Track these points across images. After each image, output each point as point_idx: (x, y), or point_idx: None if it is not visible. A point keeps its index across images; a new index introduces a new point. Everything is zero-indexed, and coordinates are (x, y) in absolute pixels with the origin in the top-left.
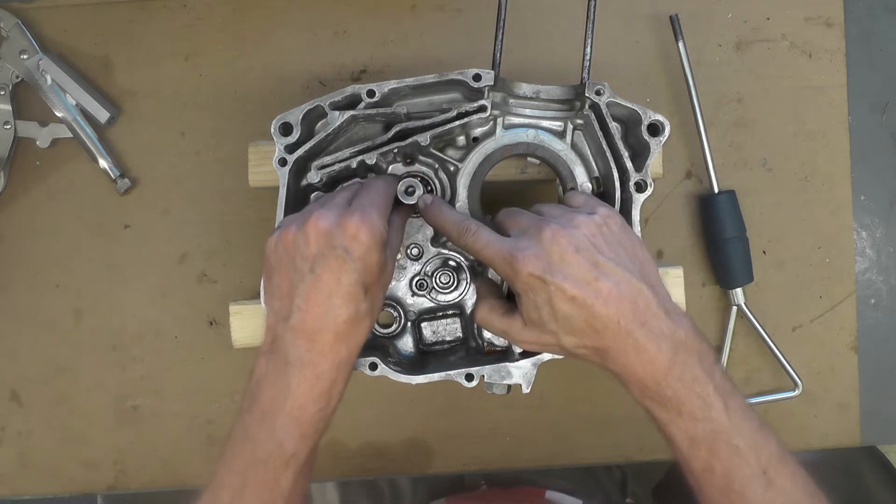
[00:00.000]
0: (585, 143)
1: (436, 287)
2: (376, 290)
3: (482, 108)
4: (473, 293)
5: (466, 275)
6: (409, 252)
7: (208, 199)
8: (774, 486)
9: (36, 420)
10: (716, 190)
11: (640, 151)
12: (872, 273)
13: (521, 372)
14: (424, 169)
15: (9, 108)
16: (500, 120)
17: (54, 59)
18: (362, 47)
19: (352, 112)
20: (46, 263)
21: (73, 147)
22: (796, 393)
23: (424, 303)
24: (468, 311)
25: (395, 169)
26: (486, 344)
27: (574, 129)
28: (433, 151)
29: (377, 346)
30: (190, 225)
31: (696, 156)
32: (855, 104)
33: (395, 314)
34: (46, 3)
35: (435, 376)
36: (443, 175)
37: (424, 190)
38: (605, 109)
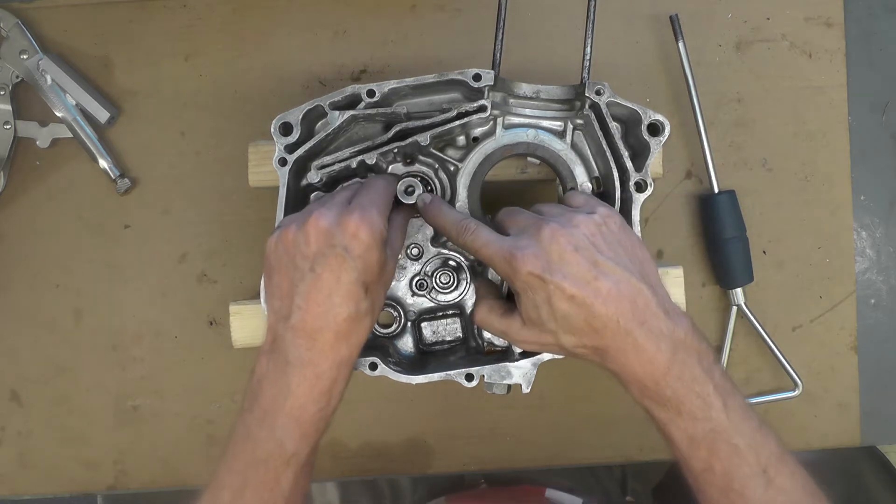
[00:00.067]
0: (585, 142)
1: (436, 287)
2: (377, 290)
3: (482, 108)
4: (473, 293)
5: (466, 275)
6: (409, 252)
7: (208, 199)
8: (774, 485)
9: (36, 420)
10: (716, 190)
11: (640, 151)
12: (872, 273)
13: (521, 372)
14: (424, 169)
15: (9, 108)
16: (500, 120)
17: (54, 59)
18: (362, 47)
19: (352, 112)
20: (46, 263)
21: (73, 147)
22: (796, 393)
23: (424, 303)
24: (468, 311)
25: (395, 169)
26: (486, 344)
27: (574, 128)
28: (433, 151)
29: (377, 346)
30: (190, 225)
31: (696, 156)
32: (855, 104)
33: (395, 314)
34: (46, 3)
35: (435, 376)
36: (443, 175)
37: (424, 189)
38: (605, 109)
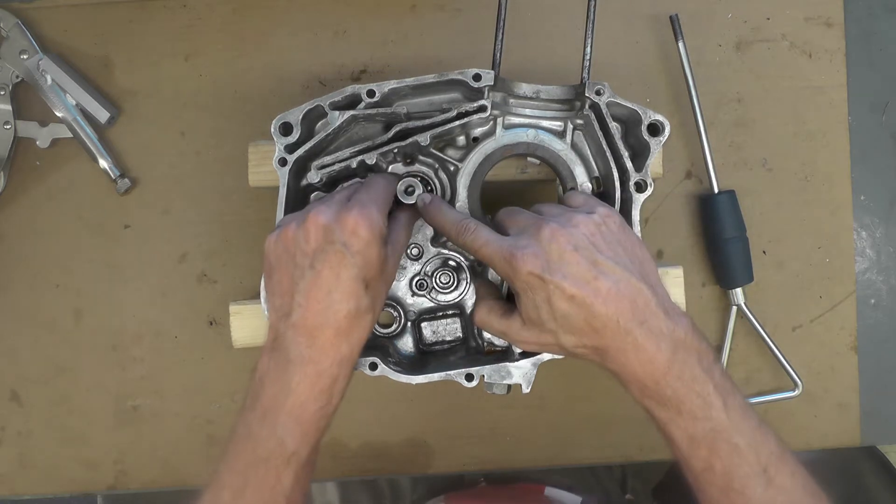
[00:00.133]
0: (585, 142)
1: (436, 287)
2: (378, 286)
3: (482, 108)
4: (473, 293)
5: (466, 275)
6: (409, 252)
7: (208, 199)
8: (774, 484)
9: (36, 420)
10: (716, 190)
11: (640, 151)
12: (872, 273)
13: (521, 372)
14: (424, 169)
15: (9, 108)
16: (500, 120)
17: (54, 59)
18: (362, 47)
19: (352, 112)
20: (46, 263)
21: (73, 147)
22: (796, 393)
23: (424, 303)
24: (468, 310)
25: (395, 169)
26: (486, 344)
27: (574, 128)
28: (433, 151)
29: (377, 346)
30: (190, 225)
31: (696, 156)
32: (855, 104)
33: (395, 314)
34: (46, 3)
35: (435, 376)
36: (443, 175)
37: (424, 189)
38: (605, 109)
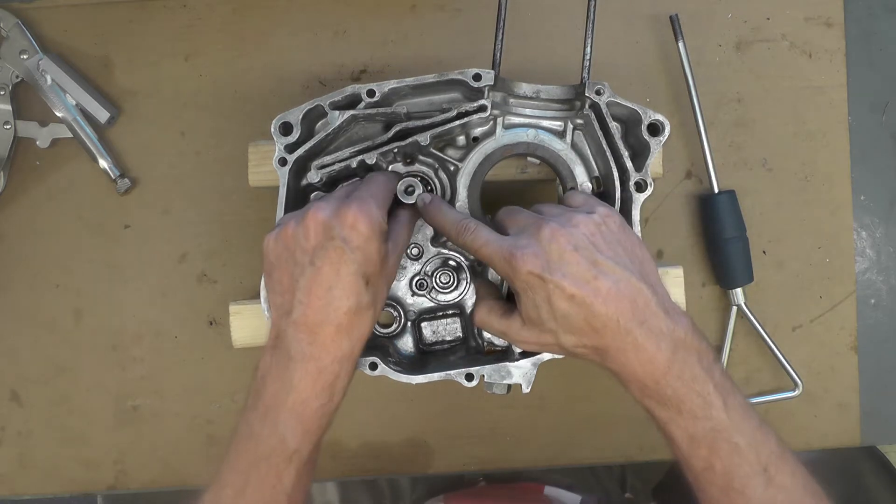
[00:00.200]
0: (585, 142)
1: (436, 287)
2: (379, 283)
3: (482, 108)
4: (473, 293)
5: (466, 274)
6: (409, 252)
7: (208, 199)
8: (774, 483)
9: (36, 420)
10: (716, 190)
11: (640, 151)
12: (872, 273)
13: (521, 372)
14: (424, 169)
15: (9, 108)
16: (500, 120)
17: (54, 59)
18: (362, 47)
19: (352, 112)
20: (46, 263)
21: (73, 147)
22: (796, 393)
23: (424, 302)
24: (468, 310)
25: (395, 169)
26: (486, 344)
27: (574, 128)
28: (433, 151)
29: (377, 345)
30: (190, 225)
31: (696, 156)
32: (855, 104)
33: (395, 314)
34: (46, 3)
35: (435, 376)
36: (443, 175)
37: (424, 189)
38: (605, 109)
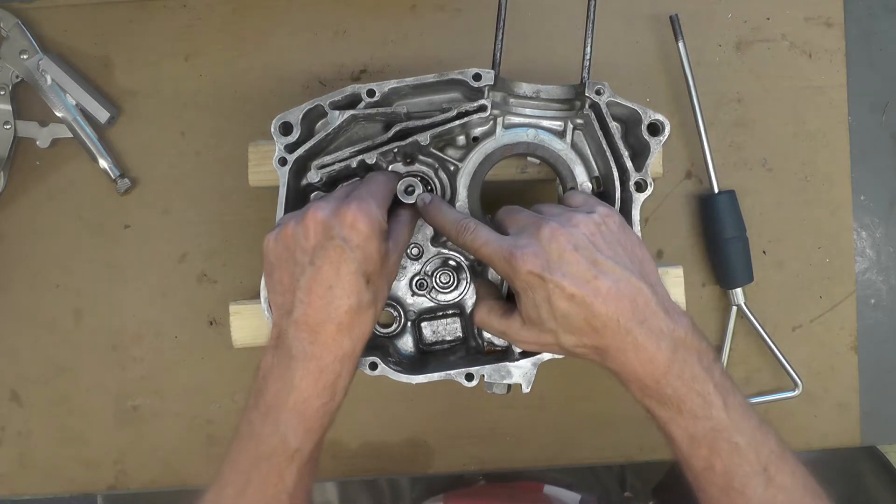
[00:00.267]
0: (585, 142)
1: (436, 287)
2: (379, 282)
3: (482, 108)
4: (473, 293)
5: (466, 274)
6: (409, 252)
7: (208, 199)
8: (774, 483)
9: (36, 420)
10: (716, 190)
11: (640, 151)
12: (872, 273)
13: (521, 371)
14: (424, 169)
15: (9, 108)
16: (500, 119)
17: (54, 59)
18: (362, 47)
19: (352, 112)
20: (46, 263)
21: (73, 147)
22: (796, 393)
23: (424, 302)
24: (468, 310)
25: (395, 168)
26: (486, 344)
27: (574, 128)
28: (433, 151)
29: (377, 345)
30: (190, 225)
31: (696, 156)
32: (855, 104)
33: (395, 314)
34: (46, 3)
35: (435, 376)
36: (443, 175)
37: (424, 189)
38: (605, 109)
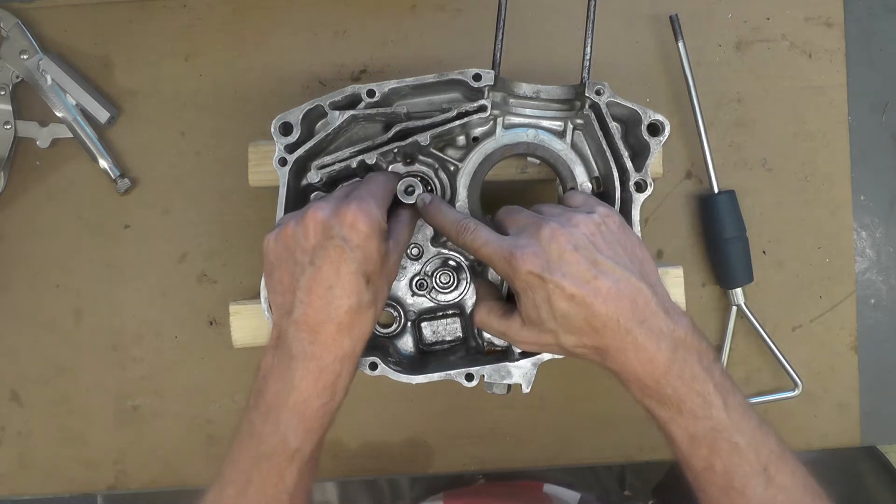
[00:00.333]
0: (585, 142)
1: (436, 287)
2: (379, 282)
3: (482, 108)
4: (473, 293)
5: (466, 274)
6: (409, 252)
7: (208, 199)
8: (774, 483)
9: (36, 420)
10: (716, 190)
11: (640, 151)
12: (872, 273)
13: (521, 372)
14: (424, 169)
15: (9, 108)
16: (500, 120)
17: (54, 59)
18: (362, 47)
19: (352, 112)
20: (46, 263)
21: (73, 147)
22: (796, 393)
23: (424, 303)
24: (468, 310)
25: (396, 169)
26: (486, 344)
27: (574, 128)
28: (433, 151)
29: (377, 345)
30: (190, 225)
31: (696, 156)
32: (855, 104)
33: (395, 314)
34: (46, 3)
35: (435, 376)
36: (443, 175)
37: (424, 189)
38: (605, 109)
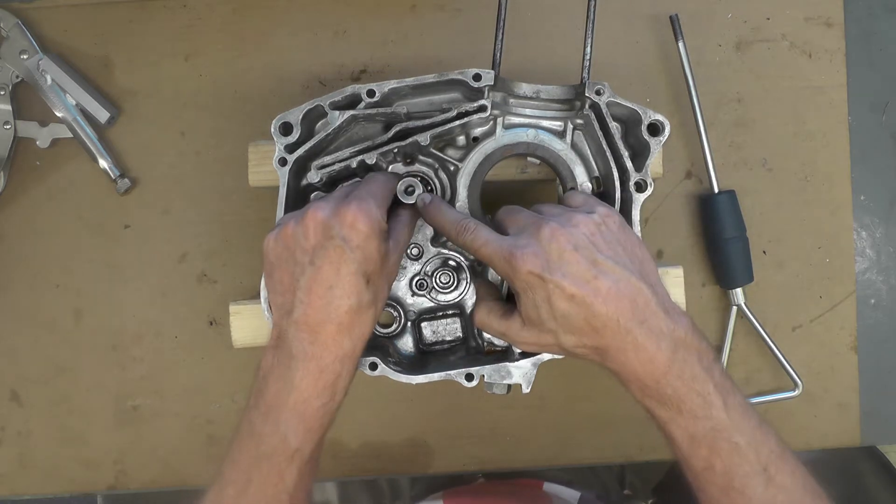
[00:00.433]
0: (585, 142)
1: (436, 287)
2: (379, 282)
3: (482, 108)
4: (473, 293)
5: (466, 274)
6: (409, 252)
7: (208, 199)
8: (774, 483)
9: (36, 420)
10: (716, 190)
11: (640, 151)
12: (872, 273)
13: (521, 372)
14: (424, 169)
15: (9, 108)
16: (500, 120)
17: (54, 59)
18: (362, 47)
19: (352, 112)
20: (46, 263)
21: (73, 147)
22: (796, 393)
23: (424, 303)
24: (468, 310)
25: (395, 169)
26: (486, 344)
27: (574, 128)
28: (433, 151)
29: (377, 345)
30: (190, 225)
31: (696, 156)
32: (855, 104)
33: (395, 314)
34: (46, 3)
35: (435, 376)
36: (443, 175)
37: (424, 189)
38: (605, 109)
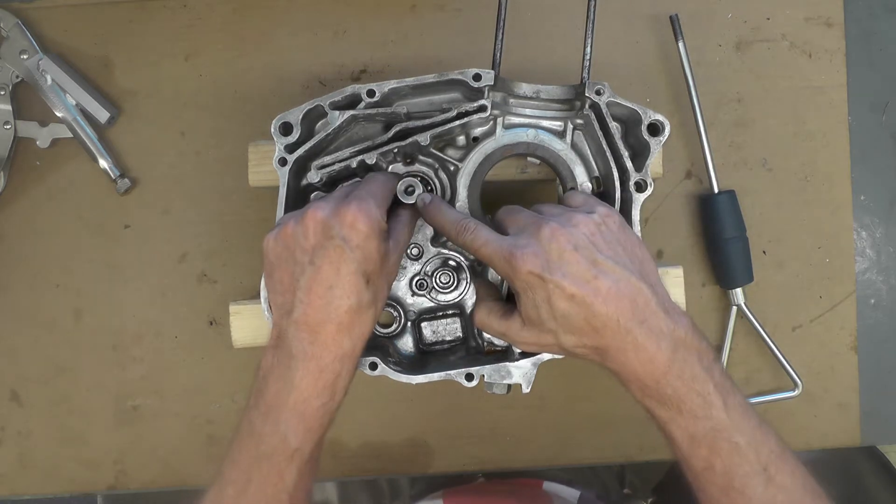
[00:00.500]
0: (585, 142)
1: (436, 287)
2: (379, 281)
3: (482, 108)
4: (473, 293)
5: (466, 274)
6: (409, 252)
7: (208, 199)
8: (774, 482)
9: (36, 420)
10: (716, 190)
11: (640, 151)
12: (872, 273)
13: (521, 372)
14: (424, 169)
15: (9, 108)
16: (500, 120)
17: (54, 59)
18: (362, 47)
19: (352, 112)
20: (46, 263)
21: (73, 147)
22: (796, 393)
23: (424, 303)
24: (468, 310)
25: (395, 169)
26: (486, 344)
27: (574, 128)
28: (433, 151)
29: (377, 345)
30: (190, 225)
31: (696, 156)
32: (855, 104)
33: (395, 314)
34: (46, 3)
35: (435, 376)
36: (443, 175)
37: (424, 189)
38: (605, 109)
